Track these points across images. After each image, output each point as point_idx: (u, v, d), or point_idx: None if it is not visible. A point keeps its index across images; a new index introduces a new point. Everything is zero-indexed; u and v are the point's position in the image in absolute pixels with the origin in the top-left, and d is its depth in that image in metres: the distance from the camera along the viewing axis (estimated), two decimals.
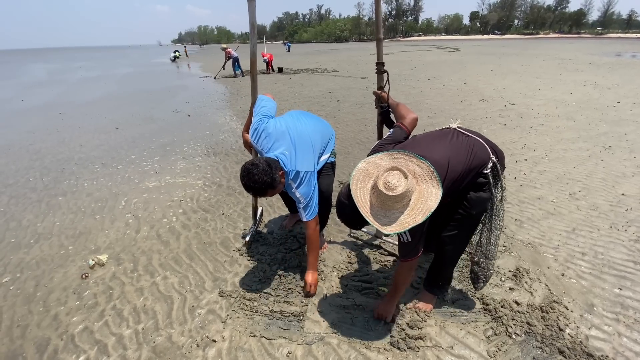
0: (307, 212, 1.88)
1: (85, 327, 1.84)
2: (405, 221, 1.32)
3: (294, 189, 1.84)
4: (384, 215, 1.34)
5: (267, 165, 1.67)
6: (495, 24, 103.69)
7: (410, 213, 1.33)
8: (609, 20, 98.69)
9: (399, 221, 1.33)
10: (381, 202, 1.33)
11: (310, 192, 1.86)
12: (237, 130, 5.77)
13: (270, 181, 1.66)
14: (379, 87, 2.02)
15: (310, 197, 1.86)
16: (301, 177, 1.83)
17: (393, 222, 1.33)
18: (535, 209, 2.97)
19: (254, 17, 1.94)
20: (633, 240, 2.47)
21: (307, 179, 1.84)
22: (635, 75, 10.94)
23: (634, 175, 3.57)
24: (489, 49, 29.69)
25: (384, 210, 1.34)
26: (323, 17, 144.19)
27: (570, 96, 7.78)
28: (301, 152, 1.86)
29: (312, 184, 1.86)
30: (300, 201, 1.87)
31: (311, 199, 1.87)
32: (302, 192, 1.84)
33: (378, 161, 1.48)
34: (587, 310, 1.86)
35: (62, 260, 2.42)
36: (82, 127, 6.25)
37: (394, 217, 1.33)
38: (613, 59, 17.68)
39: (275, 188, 1.72)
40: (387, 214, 1.34)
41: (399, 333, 1.72)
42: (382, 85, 2.00)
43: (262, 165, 1.66)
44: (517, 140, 4.81)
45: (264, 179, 1.64)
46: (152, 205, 3.22)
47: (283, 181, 1.77)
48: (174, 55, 25.60)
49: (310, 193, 1.85)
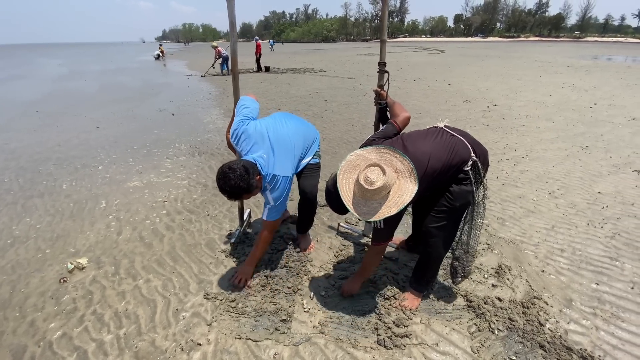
0: (271, 213, 1.92)
1: (63, 333, 1.78)
2: (381, 212, 1.46)
3: (268, 191, 1.87)
4: (363, 205, 1.48)
5: (244, 170, 1.67)
6: (478, 26, 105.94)
7: (387, 204, 1.46)
8: (587, 25, 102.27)
9: (376, 211, 1.47)
10: (362, 193, 1.47)
11: (282, 197, 1.88)
12: (223, 130, 5.70)
13: (245, 186, 1.67)
14: (379, 85, 2.09)
15: (281, 201, 1.89)
16: (277, 180, 1.84)
17: (371, 212, 1.47)
18: (516, 207, 3.05)
19: (234, 15, 1.96)
20: (609, 237, 2.57)
21: (282, 183, 1.85)
22: (610, 78, 11.39)
23: (609, 175, 3.71)
24: (473, 51, 30.34)
25: (364, 200, 1.48)
26: (310, 16, 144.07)
27: (550, 98, 8.03)
28: (280, 156, 1.86)
29: (285, 189, 1.88)
30: (269, 203, 1.90)
31: (281, 203, 1.90)
32: (274, 196, 1.87)
33: (365, 154, 1.59)
34: (566, 305, 1.92)
35: (39, 264, 2.33)
36: (60, 126, 6.04)
37: (372, 207, 1.47)
38: (590, 61, 18.35)
39: (251, 192, 1.74)
40: (367, 203, 1.48)
41: (386, 331, 1.73)
42: (382, 84, 2.07)
43: (239, 170, 1.66)
44: (500, 141, 4.92)
45: (240, 184, 1.65)
46: (134, 206, 3.14)
47: (260, 185, 1.79)
48: (158, 53, 25.09)
49: (281, 197, 1.88)
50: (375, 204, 1.46)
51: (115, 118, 6.66)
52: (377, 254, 1.80)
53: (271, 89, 9.83)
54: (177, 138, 5.29)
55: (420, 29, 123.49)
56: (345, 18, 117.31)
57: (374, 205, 1.46)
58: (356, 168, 1.56)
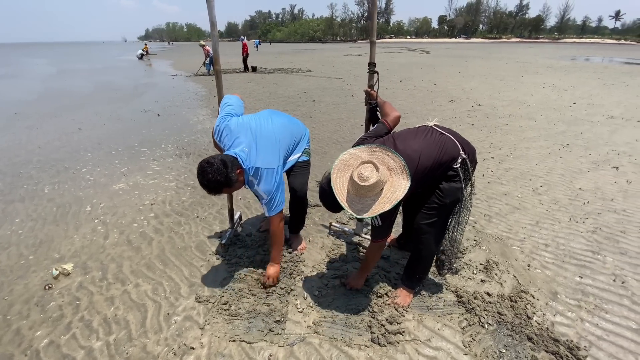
0: (270, 207, 1.89)
1: (50, 341, 1.72)
2: (375, 208, 1.48)
3: (255, 185, 1.84)
4: (358, 202, 1.51)
5: (221, 164, 1.65)
6: (461, 27, 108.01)
7: (380, 201, 1.49)
8: (565, 26, 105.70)
9: (370, 208, 1.50)
10: (356, 191, 1.49)
11: (272, 189, 1.84)
12: (210, 131, 5.63)
13: (224, 180, 1.65)
14: (370, 85, 2.11)
15: (273, 194, 1.85)
16: (261, 173, 1.81)
17: (365, 209, 1.50)
18: (502, 204, 3.13)
19: (213, 15, 1.97)
20: (590, 232, 2.66)
21: (267, 175, 1.82)
22: (589, 78, 11.80)
23: (589, 171, 3.85)
24: (456, 52, 30.90)
25: (359, 198, 1.51)
26: (296, 16, 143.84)
27: (531, 97, 8.26)
28: (262, 149, 1.84)
29: (273, 180, 1.84)
30: (263, 197, 1.87)
31: (274, 195, 1.86)
32: (263, 189, 1.83)
33: (358, 153, 1.62)
34: (552, 298, 1.98)
35: (23, 271, 2.25)
36: (40, 128, 5.85)
37: (366, 204, 1.50)
38: (569, 62, 18.97)
39: (232, 186, 1.72)
40: (361, 201, 1.50)
41: (379, 329, 1.75)
42: (372, 84, 2.10)
43: (216, 165, 1.64)
44: (484, 139, 5.04)
45: (217, 178, 1.64)
46: (121, 209, 3.07)
47: (241, 179, 1.76)
48: (141, 53, 24.58)
49: (271, 190, 1.84)
50: (369, 200, 1.49)
51: (98, 119, 6.49)
52: (378, 250, 1.85)
53: (258, 89, 9.77)
54: (163, 139, 5.20)
55: (406, 30, 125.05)
56: (332, 18, 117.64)
57: (368, 202, 1.49)
58: (349, 166, 1.59)
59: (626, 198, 3.20)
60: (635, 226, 2.73)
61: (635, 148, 4.61)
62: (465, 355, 1.63)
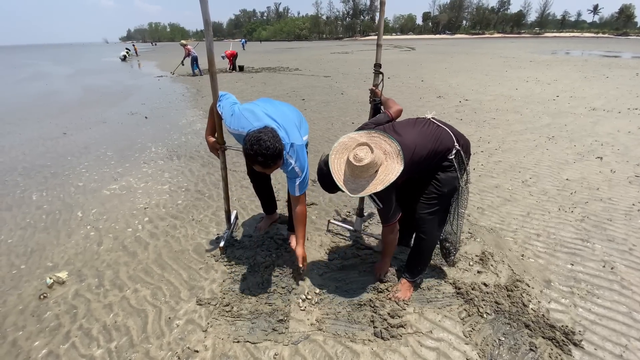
0: (302, 185, 1.87)
1: (49, 351, 1.69)
2: (368, 189, 1.58)
3: (293, 164, 1.78)
4: (352, 182, 1.60)
5: (273, 132, 1.61)
6: (445, 24, 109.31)
7: (374, 182, 1.58)
8: (546, 21, 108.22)
9: (363, 188, 1.59)
10: (351, 171, 1.59)
11: (306, 165, 1.84)
12: (200, 132, 5.57)
13: (281, 148, 1.61)
14: (375, 84, 2.21)
15: (306, 171, 1.85)
16: (296, 149, 1.78)
17: (359, 188, 1.59)
18: (494, 196, 3.20)
19: (208, 13, 1.88)
20: (579, 220, 2.75)
21: (301, 151, 1.80)
22: (570, 71, 12.11)
23: (575, 162, 3.97)
24: (441, 48, 31.27)
25: (353, 178, 1.60)
26: (281, 15, 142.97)
27: (516, 91, 8.44)
28: (287, 126, 1.81)
29: (305, 156, 1.85)
30: (298, 175, 1.82)
31: (306, 172, 1.86)
32: (299, 166, 1.81)
33: (357, 137, 1.70)
34: (546, 286, 2.04)
35: (15, 281, 2.20)
36: (23, 134, 5.67)
37: (360, 185, 1.59)
38: (550, 56, 19.42)
39: (280, 159, 1.67)
40: (356, 181, 1.60)
41: (382, 323, 1.77)
42: (377, 84, 2.20)
43: (270, 133, 1.59)
44: (473, 134, 5.13)
45: (277, 145, 1.58)
46: (113, 214, 3.01)
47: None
48: (124, 54, 24.07)
49: (305, 166, 1.84)
50: (363, 181, 1.58)
51: (83, 123, 6.33)
52: (390, 233, 1.86)
53: (247, 89, 9.70)
54: (152, 142, 5.11)
55: (391, 27, 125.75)
56: (317, 16, 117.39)
57: (362, 183, 1.59)
58: (347, 149, 1.67)
59: (611, 187, 3.31)
60: (621, 214, 2.83)
61: (617, 138, 4.77)
62: (467, 345, 1.67)
